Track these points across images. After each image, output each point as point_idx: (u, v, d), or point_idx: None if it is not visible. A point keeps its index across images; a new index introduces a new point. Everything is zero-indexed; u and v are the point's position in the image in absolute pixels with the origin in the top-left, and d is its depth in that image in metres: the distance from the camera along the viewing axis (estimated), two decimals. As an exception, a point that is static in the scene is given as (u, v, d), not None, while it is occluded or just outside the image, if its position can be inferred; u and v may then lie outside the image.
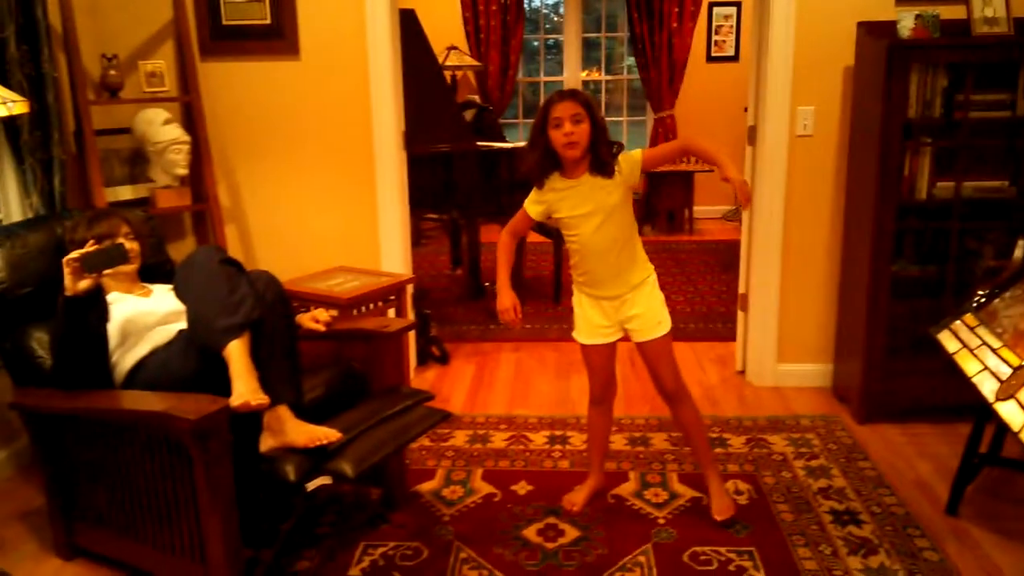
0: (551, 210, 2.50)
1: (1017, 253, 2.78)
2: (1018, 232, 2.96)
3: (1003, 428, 2.71)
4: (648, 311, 2.53)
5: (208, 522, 2.08)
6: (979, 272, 3.17)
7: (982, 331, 1.46)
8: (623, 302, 2.52)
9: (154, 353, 2.41)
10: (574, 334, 2.64)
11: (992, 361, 1.38)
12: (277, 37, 3.58)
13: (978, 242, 3.22)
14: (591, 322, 2.57)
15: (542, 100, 2.51)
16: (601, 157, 2.40)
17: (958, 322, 1.52)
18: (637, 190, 2.49)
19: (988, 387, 1.35)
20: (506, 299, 2.52)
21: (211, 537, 2.09)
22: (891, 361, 3.24)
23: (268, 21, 3.57)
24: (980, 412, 2.54)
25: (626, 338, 2.60)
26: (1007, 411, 1.27)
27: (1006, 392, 1.30)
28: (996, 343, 1.41)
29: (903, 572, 2.32)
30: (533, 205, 2.53)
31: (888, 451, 3.05)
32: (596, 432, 2.76)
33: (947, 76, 3.08)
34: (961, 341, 1.49)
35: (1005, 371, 1.34)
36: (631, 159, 2.43)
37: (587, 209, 2.43)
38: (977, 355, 1.43)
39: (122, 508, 2.33)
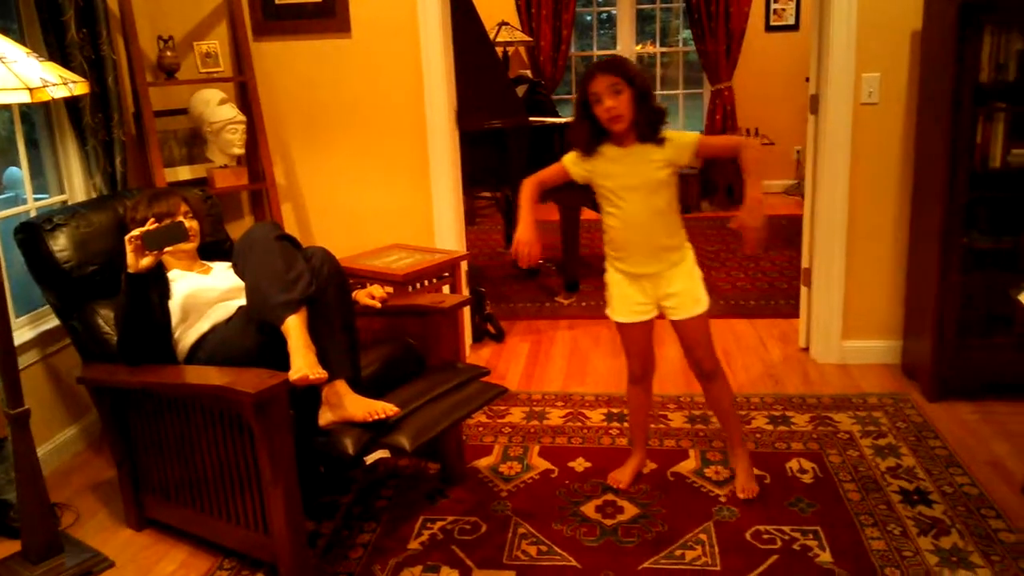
0: (596, 177, 2.42)
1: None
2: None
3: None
4: (687, 289, 2.46)
5: (270, 495, 2.11)
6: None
7: None
8: (661, 279, 2.45)
9: (215, 329, 2.44)
10: (608, 312, 2.57)
11: None
12: (329, 15, 3.58)
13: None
14: (629, 299, 2.50)
15: None
16: (647, 122, 2.32)
17: None
18: (694, 164, 2.42)
19: None
20: (525, 232, 2.42)
21: (274, 509, 2.12)
22: (963, 337, 3.12)
23: (319, 0, 3.57)
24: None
25: (661, 316, 2.54)
26: None
27: None
28: None
29: (977, 554, 2.24)
30: (576, 166, 2.45)
31: (960, 430, 2.94)
32: (637, 410, 2.72)
33: (1022, 37, 2.93)
34: None
35: None
36: (683, 140, 2.36)
37: (634, 181, 2.37)
38: None
39: (188, 481, 2.38)
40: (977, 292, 3.15)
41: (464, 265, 3.52)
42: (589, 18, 8.02)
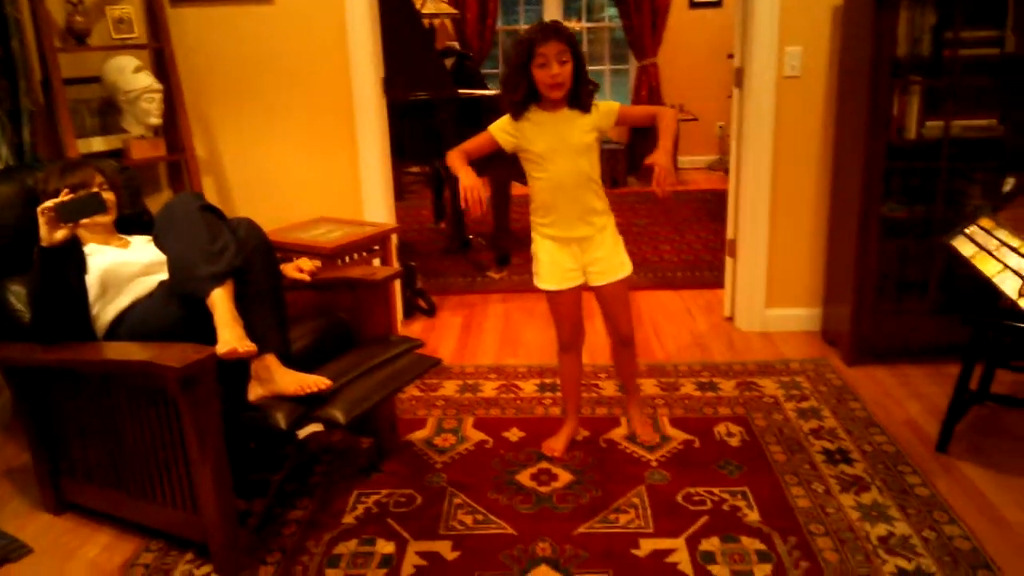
0: (523, 142, 2.45)
1: (1005, 190, 2.76)
2: (1006, 170, 2.95)
3: (992, 364, 2.73)
4: (612, 253, 2.55)
5: (199, 472, 2.05)
6: (967, 211, 3.16)
7: (1001, 232, 1.44)
8: (590, 243, 2.51)
9: (135, 304, 2.35)
10: (537, 282, 2.60)
11: (1013, 260, 1.36)
12: (250, -19, 3.46)
13: (965, 181, 3.20)
14: (560, 266, 2.53)
15: None
16: (581, 93, 2.40)
17: (973, 227, 1.50)
18: (620, 139, 2.50)
19: (1010, 285, 1.32)
20: (468, 177, 2.36)
21: (203, 487, 2.06)
22: (880, 303, 3.24)
23: (240, -36, 3.44)
24: (970, 350, 2.55)
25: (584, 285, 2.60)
26: None
27: None
28: (1016, 241, 1.39)
29: (895, 508, 2.34)
30: (504, 133, 2.46)
31: (878, 392, 3.06)
32: (569, 379, 2.75)
33: (936, 13, 3.03)
34: (978, 244, 1.46)
35: None
36: (608, 107, 2.45)
37: (562, 144, 2.42)
38: (996, 256, 1.41)
39: (111, 462, 2.29)
40: (892, 260, 3.28)
41: (395, 238, 3.48)
42: (514, -8, 7.96)
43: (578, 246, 2.52)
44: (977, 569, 2.08)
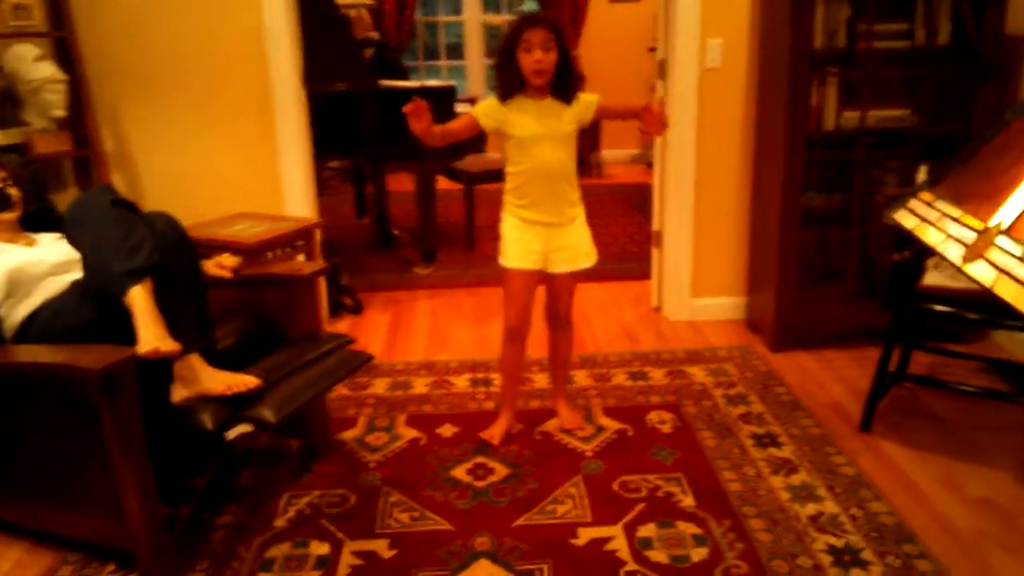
0: (507, 127, 2.48)
1: (919, 178, 2.86)
2: (920, 158, 3.06)
3: (910, 346, 2.84)
4: (581, 242, 2.61)
5: (122, 478, 1.95)
6: (882, 200, 3.27)
7: (940, 204, 1.48)
8: (560, 231, 2.55)
9: (47, 305, 2.21)
10: (501, 260, 2.59)
11: (954, 229, 1.40)
12: (160, -34, 3.31)
13: (881, 170, 3.31)
14: (525, 246, 2.54)
15: (441, 41, 2.45)
16: (565, 84, 2.46)
17: (914, 200, 1.54)
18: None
19: (953, 252, 1.36)
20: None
21: (126, 493, 1.96)
22: (801, 290, 3.33)
23: (149, -52, 3.29)
24: (889, 333, 2.64)
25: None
26: (977, 271, 1.29)
27: (974, 254, 1.32)
28: (956, 212, 1.43)
29: (823, 488, 2.40)
30: (487, 116, 2.49)
31: (802, 377, 3.15)
32: (512, 370, 2.75)
33: (850, 6, 3.13)
34: (919, 216, 1.51)
35: (970, 235, 1.36)
36: (589, 98, 2.53)
37: (545, 131, 2.46)
38: (938, 226, 1.46)
39: (22, 472, 2.15)
40: (812, 248, 3.37)
41: (318, 233, 3.39)
42: (434, -15, 7.89)
43: (546, 231, 2.54)
44: (902, 543, 2.15)
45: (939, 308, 2.50)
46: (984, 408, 2.83)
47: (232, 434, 2.07)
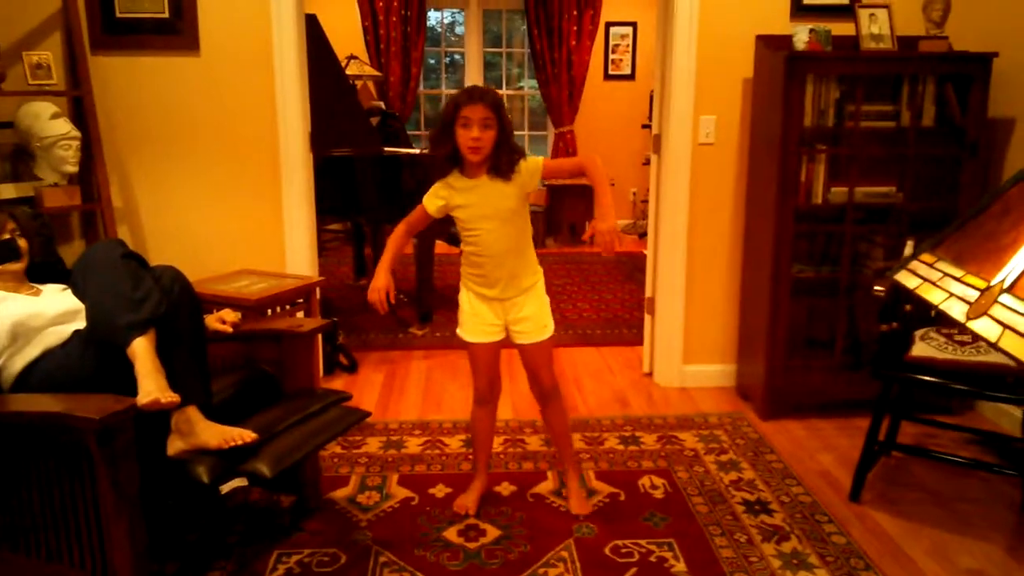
0: (450, 209, 2.48)
1: (907, 252, 2.95)
2: (904, 234, 3.15)
3: (898, 416, 2.88)
4: (536, 315, 2.55)
5: (114, 531, 1.94)
6: (870, 272, 3.35)
7: (942, 265, 1.54)
8: (513, 304, 2.53)
9: (47, 355, 2.24)
10: (459, 331, 2.61)
11: (957, 288, 1.46)
12: (175, 32, 3.45)
13: (868, 244, 3.40)
14: (482, 319, 2.55)
15: None
16: (501, 162, 2.38)
17: (915, 261, 1.60)
18: (538, 202, 2.52)
19: (957, 310, 1.41)
20: (380, 280, 2.45)
21: (117, 547, 1.95)
22: (791, 359, 3.38)
23: (165, 15, 3.43)
24: (878, 403, 2.68)
25: (507, 340, 2.60)
26: (981, 327, 1.34)
27: (977, 311, 1.37)
28: (959, 272, 1.49)
29: (814, 556, 2.41)
30: (432, 199, 2.48)
31: (792, 444, 3.17)
32: (482, 433, 2.73)
33: (839, 88, 3.26)
34: (921, 277, 1.57)
35: (972, 294, 1.41)
36: (532, 166, 2.42)
37: (485, 211, 2.43)
38: (940, 286, 1.51)
39: (14, 522, 2.14)
40: (801, 318, 3.43)
41: (318, 291, 3.44)
42: (434, 62, 8.11)
43: (501, 305, 2.53)
44: (893, 613, 2.15)
45: (926, 379, 2.55)
46: (972, 479, 2.86)
47: (226, 488, 2.07)
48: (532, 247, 2.56)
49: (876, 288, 2.73)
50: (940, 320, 2.80)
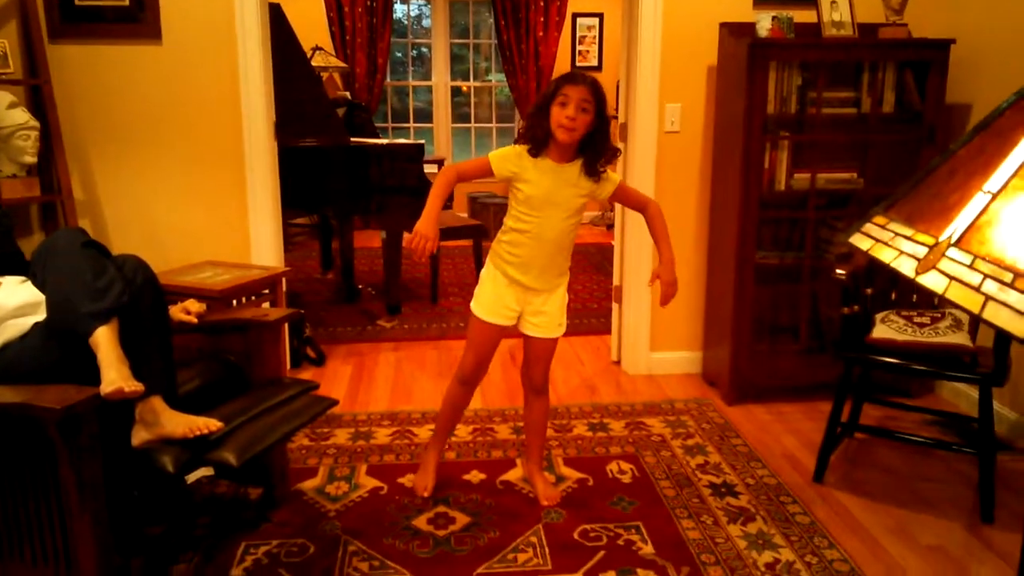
0: (519, 181, 2.40)
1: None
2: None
3: (860, 399, 2.93)
4: (556, 312, 2.57)
5: (77, 525, 1.92)
6: (832, 258, 3.40)
7: (894, 225, 1.58)
8: (537, 295, 2.52)
9: (7, 347, 2.19)
10: (473, 305, 2.57)
11: (907, 246, 1.50)
12: (135, 20, 3.39)
13: (829, 230, 3.45)
14: (501, 301, 2.52)
15: (410, 105, 2.46)
16: (597, 154, 2.38)
17: (869, 224, 1.63)
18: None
19: (907, 266, 1.45)
20: (431, 228, 2.29)
21: (81, 542, 1.92)
22: (755, 345, 3.42)
23: (126, 3, 3.38)
24: (840, 385, 2.72)
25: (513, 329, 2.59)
26: (929, 280, 1.39)
27: (926, 267, 1.41)
28: (909, 231, 1.53)
29: (779, 536, 2.44)
30: (504, 162, 2.40)
31: (757, 428, 3.21)
32: (453, 410, 2.71)
33: (801, 75, 3.30)
34: (873, 238, 1.60)
35: (922, 251, 1.46)
36: (611, 179, 2.46)
37: (553, 198, 2.40)
38: (892, 245, 1.55)
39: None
40: (765, 305, 3.47)
41: (284, 282, 3.41)
42: (400, 54, 8.08)
43: (526, 294, 2.51)
44: (855, 589, 2.19)
45: (886, 359, 2.60)
46: (932, 459, 2.92)
47: (192, 477, 2.05)
48: (572, 248, 2.55)
49: (838, 272, 2.77)
50: (900, 303, 2.86)
